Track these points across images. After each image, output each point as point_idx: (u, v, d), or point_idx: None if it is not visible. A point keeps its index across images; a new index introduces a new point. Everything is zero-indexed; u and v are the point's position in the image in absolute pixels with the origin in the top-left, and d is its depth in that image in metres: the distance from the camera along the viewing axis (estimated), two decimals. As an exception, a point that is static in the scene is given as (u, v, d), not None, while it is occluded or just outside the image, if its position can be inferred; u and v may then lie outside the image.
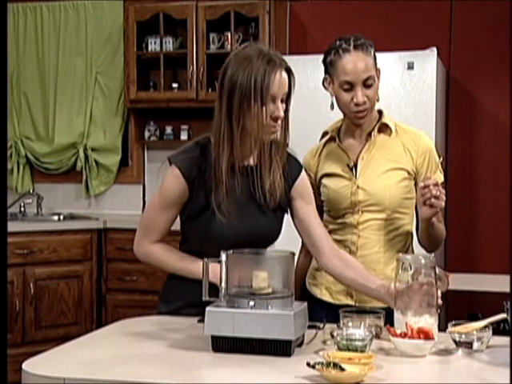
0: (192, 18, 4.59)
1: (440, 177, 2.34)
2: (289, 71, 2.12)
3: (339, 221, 2.34)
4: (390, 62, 3.90)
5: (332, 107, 2.37)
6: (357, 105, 2.26)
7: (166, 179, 2.16)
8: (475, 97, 4.56)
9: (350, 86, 2.26)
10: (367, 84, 2.25)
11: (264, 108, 2.04)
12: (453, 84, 4.56)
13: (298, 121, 4.14)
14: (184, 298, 2.19)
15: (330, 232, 2.36)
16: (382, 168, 2.31)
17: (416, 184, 2.32)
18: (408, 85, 3.93)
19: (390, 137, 2.34)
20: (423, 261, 1.93)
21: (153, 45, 4.77)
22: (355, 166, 2.33)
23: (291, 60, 4.14)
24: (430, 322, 1.88)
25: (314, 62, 4.22)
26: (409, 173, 2.31)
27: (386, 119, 2.35)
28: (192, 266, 2.14)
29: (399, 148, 2.32)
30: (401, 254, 2.03)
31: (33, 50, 5.12)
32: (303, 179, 2.24)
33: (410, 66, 3.92)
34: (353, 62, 2.24)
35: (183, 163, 2.12)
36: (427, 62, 3.91)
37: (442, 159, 2.37)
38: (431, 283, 1.89)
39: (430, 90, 3.91)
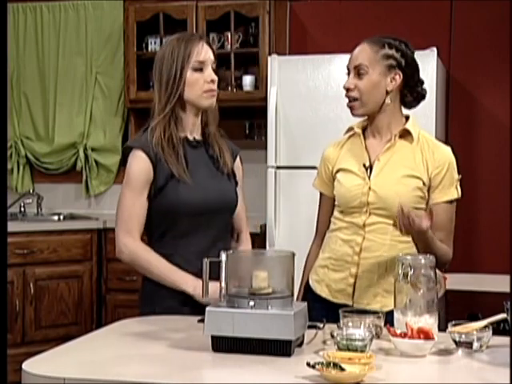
0: (192, 18, 4.59)
1: (454, 194, 2.31)
2: (210, 44, 2.31)
3: (347, 219, 2.33)
4: (390, 62, 3.89)
5: None
6: (344, 88, 2.31)
7: (130, 165, 2.27)
8: (475, 97, 4.56)
9: (348, 72, 2.33)
10: (359, 73, 2.28)
11: (195, 75, 2.24)
12: (453, 84, 4.56)
13: (298, 121, 4.17)
14: (161, 302, 2.28)
15: (337, 230, 2.37)
16: (398, 173, 2.28)
17: (428, 195, 2.29)
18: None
19: (411, 144, 2.31)
20: (423, 261, 1.94)
21: (153, 45, 4.77)
22: (371, 166, 2.31)
23: (291, 60, 4.21)
24: (429, 322, 1.88)
25: (314, 62, 4.24)
26: (424, 183, 2.28)
27: (409, 126, 2.33)
28: (176, 278, 2.23)
29: (418, 157, 2.30)
30: (400, 254, 2.03)
31: (33, 50, 5.12)
32: (239, 161, 2.48)
33: (410, 66, 3.92)
34: (355, 50, 2.32)
35: (142, 144, 2.27)
36: (427, 62, 3.91)
37: (460, 176, 2.34)
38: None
39: (430, 90, 3.85)
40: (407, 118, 2.37)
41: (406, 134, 2.33)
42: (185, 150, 2.29)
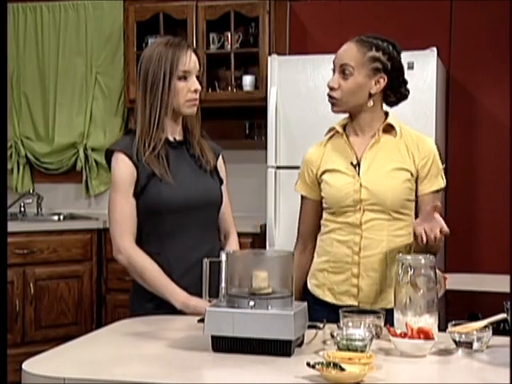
0: (192, 18, 4.59)
1: (441, 183, 2.33)
2: (197, 53, 2.33)
3: (340, 220, 2.33)
4: (390, 62, 3.90)
5: None
6: (327, 86, 2.33)
7: (113, 169, 2.32)
8: (475, 97, 4.55)
9: (333, 71, 2.34)
10: (344, 72, 2.29)
11: (179, 83, 2.28)
12: (453, 84, 4.56)
13: (298, 121, 4.17)
14: (151, 303, 2.29)
15: (330, 232, 2.36)
16: (387, 167, 2.30)
17: (417, 187, 2.31)
18: (408, 85, 3.92)
19: (394, 138, 2.33)
20: (423, 261, 1.94)
21: (153, 45, 4.76)
22: (358, 164, 2.32)
23: (291, 60, 4.21)
24: (429, 322, 1.88)
25: (314, 61, 4.23)
26: (412, 175, 2.30)
27: (391, 120, 2.35)
28: (166, 291, 2.23)
29: (403, 149, 2.31)
30: (400, 254, 2.03)
31: (33, 50, 5.12)
32: (222, 160, 2.50)
33: (410, 66, 3.92)
34: (342, 48, 2.32)
35: (123, 147, 2.33)
36: (427, 62, 3.91)
37: (444, 166, 2.36)
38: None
39: (430, 90, 3.91)
40: (386, 113, 2.38)
41: (389, 129, 2.34)
42: (166, 150, 2.32)
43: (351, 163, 2.32)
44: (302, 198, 2.47)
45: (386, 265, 2.28)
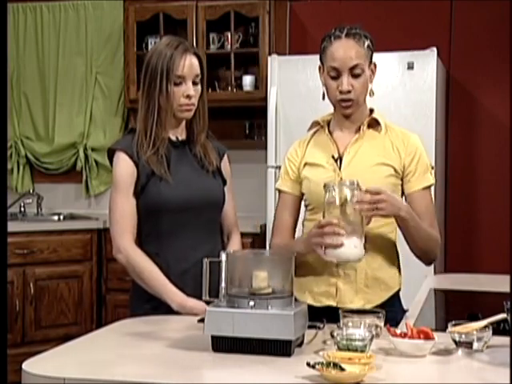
0: (192, 18, 4.59)
1: (430, 179, 2.28)
2: (198, 56, 2.32)
3: (321, 217, 2.22)
4: (390, 62, 3.90)
5: (324, 97, 2.32)
6: (341, 92, 2.22)
7: (114, 169, 2.32)
8: (475, 97, 4.56)
9: (337, 74, 2.22)
10: (354, 73, 2.20)
11: (173, 88, 2.27)
12: (453, 84, 4.56)
13: (298, 121, 4.16)
14: (148, 303, 2.30)
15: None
16: (370, 162, 2.24)
17: (403, 184, 2.27)
18: (408, 85, 3.93)
19: (379, 133, 2.29)
20: (347, 182, 2.05)
21: (153, 45, 4.76)
22: (340, 158, 2.27)
23: (291, 60, 4.22)
24: (355, 243, 2.01)
25: (314, 61, 4.20)
26: (396, 170, 2.25)
27: (377, 115, 2.30)
28: (164, 292, 2.23)
29: (388, 145, 2.27)
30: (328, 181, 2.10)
31: (33, 50, 5.12)
32: (227, 160, 2.49)
33: (410, 66, 3.92)
34: (342, 49, 2.21)
35: (124, 146, 2.32)
36: (427, 62, 3.91)
37: (431, 163, 2.32)
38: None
39: (430, 90, 3.91)
40: (371, 110, 2.34)
41: (373, 124, 2.30)
42: (168, 150, 2.32)
43: (332, 157, 2.27)
44: (282, 195, 2.39)
45: (364, 263, 2.21)
